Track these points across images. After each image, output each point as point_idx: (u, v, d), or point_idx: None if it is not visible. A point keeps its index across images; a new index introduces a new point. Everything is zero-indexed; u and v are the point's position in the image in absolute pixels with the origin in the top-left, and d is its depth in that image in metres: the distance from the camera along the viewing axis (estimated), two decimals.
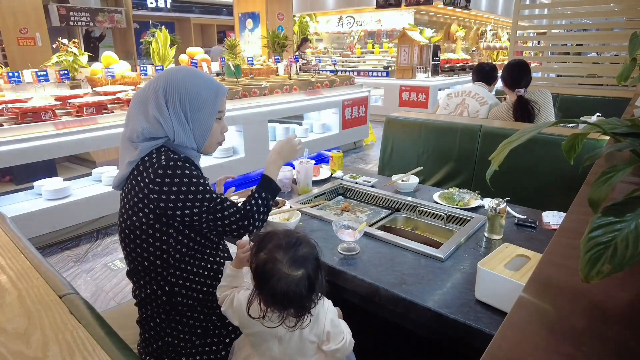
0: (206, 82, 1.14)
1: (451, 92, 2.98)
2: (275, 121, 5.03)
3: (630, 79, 1.21)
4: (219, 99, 1.16)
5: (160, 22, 9.89)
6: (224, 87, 1.19)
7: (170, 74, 1.13)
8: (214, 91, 1.15)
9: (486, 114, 2.74)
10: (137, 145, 1.10)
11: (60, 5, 7.84)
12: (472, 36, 12.46)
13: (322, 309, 1.03)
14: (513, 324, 0.52)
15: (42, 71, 3.53)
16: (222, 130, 1.23)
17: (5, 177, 3.62)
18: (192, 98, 1.11)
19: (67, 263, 2.85)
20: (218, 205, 1.11)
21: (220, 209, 1.11)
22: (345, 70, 8.98)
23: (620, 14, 4.34)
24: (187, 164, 1.10)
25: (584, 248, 0.47)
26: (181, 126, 1.11)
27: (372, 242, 1.42)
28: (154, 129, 1.10)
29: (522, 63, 2.65)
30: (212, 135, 1.18)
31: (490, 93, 2.88)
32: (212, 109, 1.14)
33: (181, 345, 1.14)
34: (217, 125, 1.19)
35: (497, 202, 1.39)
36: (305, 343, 1.02)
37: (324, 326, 1.02)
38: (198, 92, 1.11)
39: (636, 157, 0.57)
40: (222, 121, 1.21)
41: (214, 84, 1.16)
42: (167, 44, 4.91)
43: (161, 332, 1.15)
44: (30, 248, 0.98)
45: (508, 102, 2.62)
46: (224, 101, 1.19)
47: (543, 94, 2.56)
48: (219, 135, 1.22)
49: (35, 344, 0.64)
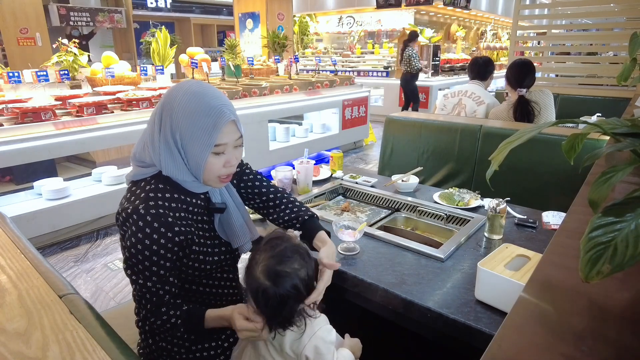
0: (204, 108, 0.94)
1: (447, 93, 2.95)
2: (275, 121, 5.03)
3: (630, 79, 1.21)
4: (217, 130, 0.94)
5: (160, 22, 9.89)
6: (226, 115, 0.96)
7: (173, 92, 0.98)
8: (212, 121, 0.94)
9: (484, 114, 2.73)
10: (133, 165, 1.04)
11: (60, 5, 7.85)
12: (472, 36, 12.46)
13: (309, 330, 0.98)
14: (513, 324, 0.52)
15: (42, 71, 3.53)
16: (226, 164, 1.00)
17: (6, 177, 3.62)
18: (183, 125, 0.94)
19: (67, 263, 2.85)
20: (144, 288, 0.97)
21: (145, 290, 0.97)
22: (345, 70, 8.99)
23: (620, 14, 4.34)
24: (164, 219, 0.94)
25: (584, 248, 0.47)
26: (171, 156, 0.97)
27: (372, 242, 1.42)
28: (143, 155, 1.01)
29: (526, 63, 2.62)
30: (207, 169, 0.98)
31: (487, 91, 2.85)
32: (207, 141, 0.94)
33: (175, 350, 1.12)
34: (214, 159, 0.98)
35: (497, 202, 1.39)
36: (284, 355, 1.00)
37: (304, 349, 0.96)
38: (191, 120, 0.94)
39: (636, 157, 0.57)
40: (225, 155, 0.99)
41: (214, 111, 0.94)
42: (167, 44, 4.92)
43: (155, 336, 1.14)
44: (30, 248, 0.98)
45: (509, 101, 2.61)
46: (226, 133, 0.97)
47: (544, 94, 2.55)
48: (219, 169, 1.00)
49: (35, 344, 0.64)
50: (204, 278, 1.13)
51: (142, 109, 3.51)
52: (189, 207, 1.04)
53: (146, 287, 0.97)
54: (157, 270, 0.97)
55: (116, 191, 3.30)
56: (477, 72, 2.86)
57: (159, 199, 0.97)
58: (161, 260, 0.96)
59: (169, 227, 0.95)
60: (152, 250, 0.94)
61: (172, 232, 0.96)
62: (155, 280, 0.97)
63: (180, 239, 0.98)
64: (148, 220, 0.93)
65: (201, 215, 1.09)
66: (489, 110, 2.74)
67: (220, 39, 12.69)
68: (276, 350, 1.01)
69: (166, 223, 0.95)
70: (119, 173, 3.40)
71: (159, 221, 0.94)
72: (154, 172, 1.01)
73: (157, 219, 0.94)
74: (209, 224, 1.11)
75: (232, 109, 0.99)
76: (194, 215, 1.06)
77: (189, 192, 1.04)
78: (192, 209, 1.05)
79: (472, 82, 2.88)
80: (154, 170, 1.01)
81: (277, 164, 4.46)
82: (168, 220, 0.95)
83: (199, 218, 1.08)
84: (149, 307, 0.99)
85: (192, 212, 1.05)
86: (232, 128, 0.99)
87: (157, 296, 0.99)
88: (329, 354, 0.98)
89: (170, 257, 0.97)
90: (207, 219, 1.11)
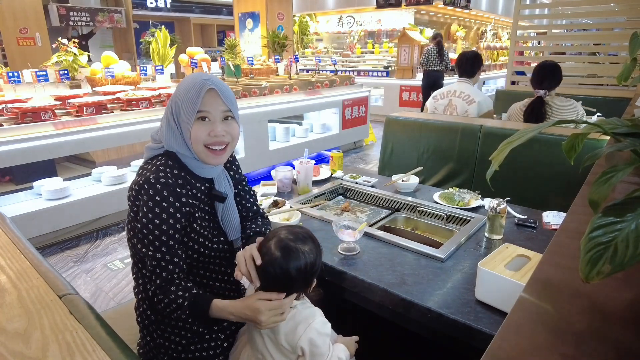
0: (192, 80, 1.06)
1: (437, 94, 2.91)
2: (275, 121, 5.03)
3: (631, 79, 1.21)
4: (200, 96, 1.04)
5: (160, 22, 9.90)
6: (207, 83, 1.05)
7: None
8: (195, 90, 1.04)
9: (476, 113, 2.70)
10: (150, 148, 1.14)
11: (60, 5, 7.84)
12: (472, 36, 12.46)
13: (304, 321, 0.99)
14: (513, 324, 0.52)
15: (42, 71, 3.53)
16: (211, 132, 1.07)
17: (5, 177, 3.62)
18: (177, 99, 1.07)
19: (67, 263, 2.85)
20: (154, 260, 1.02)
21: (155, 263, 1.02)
22: (345, 70, 8.99)
23: (620, 14, 4.34)
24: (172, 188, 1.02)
25: (584, 248, 0.47)
26: (171, 131, 1.08)
27: (372, 242, 1.42)
28: (157, 135, 1.13)
29: (547, 65, 2.58)
30: (194, 137, 1.06)
31: (476, 88, 2.81)
32: (192, 107, 1.04)
33: (172, 347, 1.13)
34: (199, 127, 1.06)
35: (497, 202, 1.39)
36: (280, 348, 1.01)
37: (299, 340, 0.97)
38: (182, 92, 1.06)
39: (636, 157, 0.57)
40: (209, 123, 1.07)
41: (199, 81, 1.05)
42: (167, 44, 4.92)
43: (153, 333, 1.14)
44: (30, 248, 0.98)
45: (527, 100, 2.61)
46: (209, 99, 1.05)
47: (565, 102, 2.52)
48: (205, 137, 1.06)
49: (35, 344, 0.64)
50: (201, 269, 1.16)
51: (141, 109, 3.51)
52: (193, 190, 1.11)
53: (156, 259, 1.02)
54: (167, 240, 1.02)
55: (116, 191, 3.29)
56: (464, 69, 2.82)
57: (168, 172, 1.05)
58: (170, 229, 1.02)
59: (177, 196, 1.03)
60: (161, 219, 1.01)
61: (180, 202, 1.04)
62: (165, 251, 1.03)
63: (186, 210, 1.06)
64: (158, 188, 1.01)
65: (203, 203, 1.14)
66: (481, 109, 2.71)
67: (220, 38, 12.69)
68: (273, 344, 1.01)
69: (175, 192, 1.03)
70: (118, 173, 3.40)
71: (167, 190, 1.02)
72: (162, 150, 1.11)
73: (166, 188, 1.02)
74: (209, 212, 1.16)
75: (215, 82, 1.08)
76: (197, 200, 1.12)
77: (195, 175, 1.12)
78: (196, 192, 1.12)
79: (460, 81, 2.84)
80: (162, 149, 1.11)
81: (277, 163, 4.46)
82: (177, 190, 1.03)
83: (201, 205, 1.13)
84: (158, 282, 1.03)
85: (196, 197, 1.11)
86: (215, 98, 1.07)
87: (167, 271, 1.03)
88: (324, 345, 0.99)
89: (179, 228, 1.04)
90: (208, 208, 1.16)
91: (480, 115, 2.70)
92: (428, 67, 6.89)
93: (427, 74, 6.99)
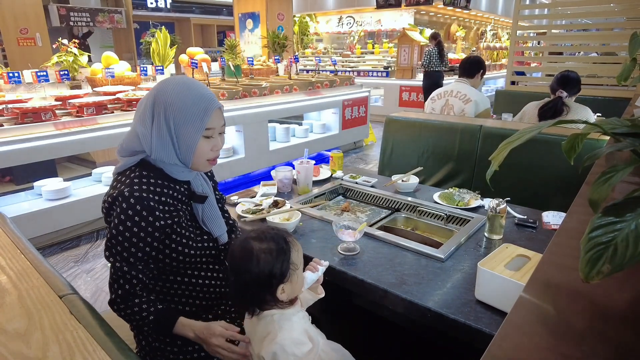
0: (196, 96, 1.06)
1: (434, 95, 2.91)
2: (275, 121, 5.03)
3: (630, 79, 1.21)
4: (208, 115, 1.06)
5: (160, 22, 9.90)
6: (215, 102, 1.09)
7: (163, 85, 1.09)
8: (203, 106, 1.06)
9: (473, 112, 2.70)
10: (119, 158, 1.12)
11: (60, 5, 7.85)
12: (472, 36, 12.47)
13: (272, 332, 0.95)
14: (513, 324, 0.52)
15: (42, 71, 3.53)
16: (214, 147, 1.11)
17: (6, 178, 3.62)
18: (178, 111, 1.04)
19: (67, 263, 2.85)
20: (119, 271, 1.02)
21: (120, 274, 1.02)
22: (345, 71, 8.98)
23: (620, 14, 4.34)
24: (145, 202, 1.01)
25: (584, 248, 0.47)
26: (161, 141, 1.05)
27: (372, 242, 1.42)
28: (131, 145, 1.08)
29: (574, 75, 2.62)
30: (197, 152, 1.08)
31: (474, 88, 2.80)
32: (199, 125, 1.06)
33: (167, 349, 1.13)
34: (204, 143, 1.09)
35: (497, 202, 1.39)
36: None
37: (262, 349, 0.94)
38: (185, 106, 1.04)
39: (636, 157, 0.57)
40: (213, 139, 1.11)
41: (205, 98, 1.07)
42: (167, 44, 4.92)
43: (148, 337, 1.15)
44: (30, 248, 0.98)
45: (545, 99, 2.64)
46: (215, 118, 1.09)
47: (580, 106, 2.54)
48: (208, 152, 1.11)
49: (35, 344, 0.64)
50: (189, 269, 1.16)
51: None
52: (173, 193, 1.11)
53: (121, 270, 1.03)
54: (135, 253, 1.02)
55: None
56: (464, 69, 2.83)
57: (143, 184, 1.04)
58: (140, 242, 1.02)
59: (151, 211, 1.02)
60: (132, 233, 1.01)
61: (153, 217, 1.02)
62: (132, 262, 1.03)
63: (160, 224, 1.04)
64: (131, 202, 1.00)
65: (185, 204, 1.15)
66: (478, 107, 2.70)
67: (220, 39, 12.70)
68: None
69: (148, 207, 1.02)
70: None
71: (141, 204, 1.01)
72: (137, 160, 1.09)
73: (139, 202, 1.01)
74: (192, 212, 1.17)
75: (216, 99, 1.12)
76: (178, 202, 1.12)
77: (172, 179, 1.11)
78: (176, 195, 1.11)
79: (458, 81, 2.85)
80: (137, 159, 1.09)
81: (277, 164, 4.46)
82: (150, 205, 1.02)
83: (183, 206, 1.14)
84: (119, 292, 1.04)
85: (176, 199, 1.11)
86: (219, 115, 1.12)
87: (130, 284, 1.03)
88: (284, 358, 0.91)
89: (150, 242, 1.03)
90: (189, 208, 1.16)
91: (477, 114, 2.70)
92: (429, 68, 6.90)
93: (428, 75, 6.99)
